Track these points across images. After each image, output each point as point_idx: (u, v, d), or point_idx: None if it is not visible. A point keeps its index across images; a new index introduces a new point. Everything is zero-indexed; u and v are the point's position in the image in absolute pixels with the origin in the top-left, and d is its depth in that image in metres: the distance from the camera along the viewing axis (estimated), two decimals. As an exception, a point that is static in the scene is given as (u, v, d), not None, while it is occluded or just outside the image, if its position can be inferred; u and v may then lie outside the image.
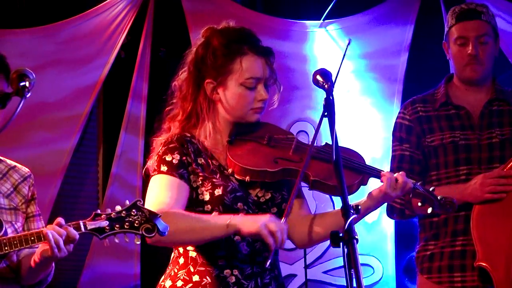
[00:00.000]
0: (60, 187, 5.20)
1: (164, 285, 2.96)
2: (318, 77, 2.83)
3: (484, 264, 3.59)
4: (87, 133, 5.46)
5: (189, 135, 2.94)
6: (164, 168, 2.87)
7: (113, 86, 5.43)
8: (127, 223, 2.98)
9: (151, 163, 2.93)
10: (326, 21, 5.50)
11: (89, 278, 5.26)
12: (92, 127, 5.51)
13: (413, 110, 3.87)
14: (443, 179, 3.73)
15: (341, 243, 2.51)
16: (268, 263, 2.71)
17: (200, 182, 2.88)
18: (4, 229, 3.10)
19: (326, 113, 2.74)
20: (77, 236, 2.97)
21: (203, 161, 2.90)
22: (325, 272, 5.37)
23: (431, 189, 3.02)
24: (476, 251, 3.62)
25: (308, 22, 5.53)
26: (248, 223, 2.72)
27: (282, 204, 2.95)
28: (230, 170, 2.90)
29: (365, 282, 2.84)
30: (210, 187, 2.87)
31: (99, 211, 3.02)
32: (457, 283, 3.74)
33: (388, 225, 5.33)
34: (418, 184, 3.00)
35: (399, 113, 3.93)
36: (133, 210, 2.99)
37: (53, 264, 3.18)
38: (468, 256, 3.71)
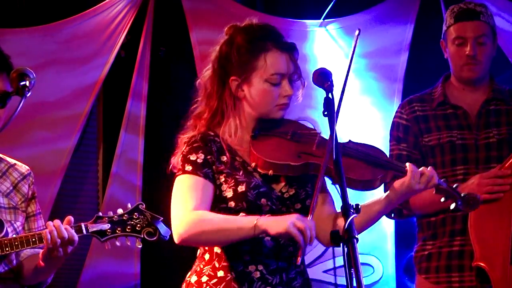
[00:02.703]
0: (60, 187, 5.19)
1: (189, 281, 2.95)
2: (318, 77, 2.84)
3: (482, 264, 3.59)
4: (87, 132, 5.46)
5: (212, 133, 2.95)
6: (188, 167, 2.87)
7: (113, 86, 5.42)
8: (129, 227, 2.98)
9: (176, 160, 2.94)
10: (326, 20, 5.49)
11: (89, 277, 5.26)
12: (92, 127, 5.51)
13: (410, 109, 3.87)
14: (449, 178, 3.73)
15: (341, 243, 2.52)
16: (299, 260, 2.69)
17: (223, 179, 2.88)
18: (5, 230, 3.10)
19: (326, 112, 2.75)
20: (76, 238, 2.97)
21: (225, 158, 2.91)
22: (325, 272, 5.37)
23: (454, 186, 3.02)
24: (474, 251, 3.62)
25: (308, 22, 5.52)
26: (276, 223, 2.71)
27: (306, 200, 2.94)
28: (253, 165, 2.90)
29: (365, 281, 2.84)
30: (233, 183, 2.87)
31: (100, 214, 3.03)
32: (455, 283, 3.74)
33: (388, 225, 5.33)
34: (442, 180, 2.99)
35: (396, 112, 3.93)
36: (135, 214, 3.00)
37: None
38: (466, 256, 3.71)
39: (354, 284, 2.49)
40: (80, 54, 5.27)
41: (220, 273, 2.88)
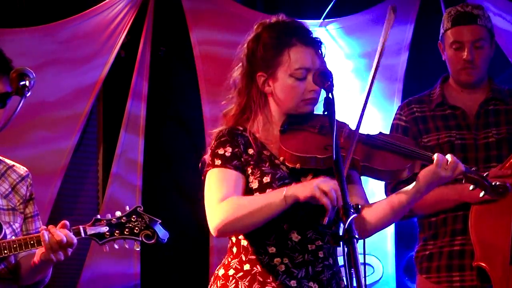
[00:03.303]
0: (60, 187, 5.19)
1: (217, 274, 2.96)
2: (318, 76, 2.85)
3: (482, 264, 3.59)
4: (87, 132, 5.46)
5: (241, 128, 2.97)
6: (218, 162, 2.90)
7: (113, 86, 5.42)
8: (127, 229, 2.99)
9: (206, 156, 2.96)
10: (326, 20, 5.49)
11: (89, 278, 5.26)
12: (92, 127, 5.51)
13: (409, 111, 3.88)
14: None
15: (341, 242, 2.52)
16: (326, 221, 2.67)
17: (250, 171, 2.90)
18: (3, 231, 3.10)
19: (326, 112, 2.75)
20: (75, 241, 2.97)
21: (252, 151, 2.92)
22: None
23: (485, 175, 3.03)
24: (474, 250, 3.62)
25: (308, 21, 5.50)
26: (302, 188, 2.74)
27: None
28: (281, 159, 2.92)
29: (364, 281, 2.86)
30: (259, 175, 2.89)
31: (99, 217, 3.03)
32: (456, 282, 3.74)
33: (388, 225, 5.33)
34: (472, 169, 3.02)
35: (396, 114, 3.94)
36: (133, 216, 3.00)
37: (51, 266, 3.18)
38: (467, 255, 3.71)
39: (354, 284, 2.49)
40: (80, 54, 5.28)
41: (246, 267, 2.90)
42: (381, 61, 2.99)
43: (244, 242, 2.92)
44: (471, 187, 3.04)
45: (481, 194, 3.05)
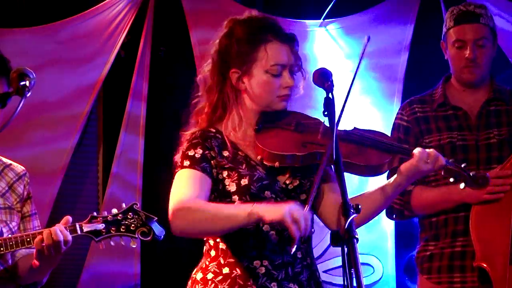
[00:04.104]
0: (60, 187, 5.20)
1: (195, 278, 2.93)
2: (318, 76, 2.84)
3: (483, 265, 3.59)
4: (87, 132, 5.46)
5: (213, 130, 2.95)
6: (186, 163, 2.87)
7: (113, 86, 5.43)
8: (123, 226, 2.98)
9: (177, 157, 2.94)
10: (326, 20, 5.49)
11: (89, 278, 5.26)
12: (92, 127, 5.51)
13: (411, 111, 3.87)
14: (441, 180, 3.72)
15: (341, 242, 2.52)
16: (292, 250, 2.68)
17: (226, 174, 2.88)
18: (0, 230, 3.11)
19: (326, 112, 2.75)
20: (69, 238, 2.97)
21: (228, 153, 2.90)
22: (324, 272, 5.36)
23: (463, 165, 3.02)
24: (475, 251, 3.62)
25: (308, 22, 5.52)
26: (271, 210, 2.69)
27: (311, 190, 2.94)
28: (259, 158, 2.90)
29: (365, 281, 2.84)
30: (236, 177, 2.87)
31: (95, 214, 3.03)
32: (457, 283, 3.74)
33: (388, 224, 5.33)
34: (450, 160, 3.00)
35: (397, 114, 3.93)
36: (130, 213, 3.00)
37: None
38: (468, 257, 3.71)
39: (354, 284, 2.49)
40: (80, 54, 5.28)
41: (226, 270, 2.87)
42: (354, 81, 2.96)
43: (223, 245, 2.90)
44: (451, 180, 3.01)
45: (462, 185, 3.02)
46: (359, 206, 2.57)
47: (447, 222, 3.78)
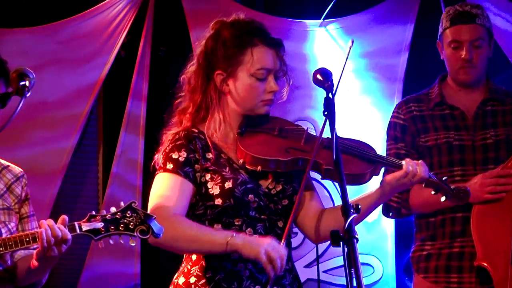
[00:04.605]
0: (60, 187, 5.19)
1: (177, 283, 2.93)
2: (318, 76, 2.84)
3: (484, 264, 3.59)
4: (87, 132, 5.46)
5: (196, 131, 2.94)
6: (169, 166, 2.87)
7: (113, 86, 5.42)
8: (122, 225, 2.98)
9: (158, 157, 2.94)
10: (326, 20, 5.49)
11: (89, 278, 5.26)
12: (92, 127, 5.51)
13: (407, 109, 3.87)
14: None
15: (341, 242, 2.52)
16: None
17: (209, 176, 2.88)
18: (-2, 230, 3.11)
19: (326, 112, 2.75)
20: (69, 237, 2.97)
21: (211, 155, 2.89)
22: (325, 272, 5.36)
23: (444, 179, 3.03)
24: (476, 251, 3.62)
25: (308, 21, 5.52)
26: (248, 247, 2.72)
27: (293, 196, 2.93)
28: (241, 161, 2.89)
29: (365, 281, 2.84)
30: (220, 180, 2.87)
31: (94, 213, 3.02)
32: (454, 284, 3.73)
33: (388, 224, 5.33)
34: (432, 173, 3.00)
35: (393, 112, 3.93)
36: (128, 212, 2.99)
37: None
38: (466, 258, 3.70)
39: (354, 284, 2.49)
40: (80, 54, 5.27)
41: (209, 274, 2.87)
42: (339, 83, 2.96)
43: None
44: (432, 192, 3.03)
45: (442, 199, 3.03)
46: (359, 206, 2.58)
47: (444, 223, 3.77)
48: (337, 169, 2.64)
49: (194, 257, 2.91)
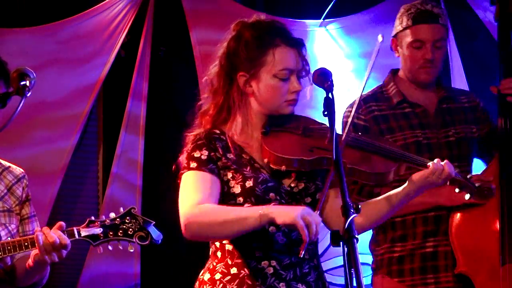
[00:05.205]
0: (60, 187, 5.20)
1: (202, 279, 2.93)
2: (318, 76, 2.84)
3: (465, 271, 3.58)
4: (87, 132, 5.46)
5: (218, 131, 2.94)
6: (193, 164, 2.87)
7: (113, 85, 5.43)
8: (121, 231, 2.99)
9: (181, 158, 2.94)
10: (326, 20, 5.50)
11: (89, 278, 5.26)
12: (92, 126, 5.51)
13: (367, 109, 3.80)
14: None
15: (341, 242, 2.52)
16: (302, 253, 2.66)
17: (231, 176, 2.88)
18: (-2, 234, 3.12)
19: (326, 112, 2.75)
20: (68, 242, 2.98)
21: (232, 155, 2.90)
22: (325, 271, 5.35)
23: (468, 177, 3.03)
24: (456, 258, 3.60)
25: (308, 21, 5.53)
26: (283, 213, 2.69)
27: (316, 194, 2.94)
28: (265, 161, 2.90)
29: (365, 281, 2.85)
30: (241, 179, 2.87)
31: (93, 218, 3.03)
32: (431, 285, 3.69)
33: (388, 225, 5.33)
34: (457, 171, 3.00)
35: (348, 112, 3.79)
36: (127, 218, 3.00)
37: (48, 267, 3.18)
38: (441, 257, 3.68)
39: (354, 284, 2.49)
40: (80, 54, 5.28)
41: (233, 270, 2.88)
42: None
43: (229, 247, 2.90)
44: (456, 190, 3.02)
45: (467, 197, 3.03)
46: (359, 206, 2.58)
47: (415, 223, 3.72)
48: (337, 169, 2.64)
49: (219, 254, 2.93)
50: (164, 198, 5.47)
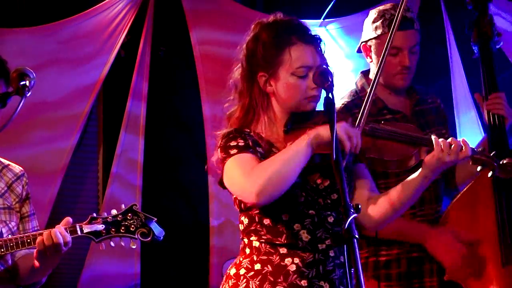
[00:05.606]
0: (60, 187, 5.20)
1: (229, 273, 2.97)
2: (318, 76, 2.85)
3: (456, 280, 3.58)
4: (87, 132, 5.46)
5: (247, 130, 2.96)
6: (234, 151, 2.88)
7: (113, 85, 5.43)
8: (123, 227, 2.99)
9: (215, 159, 2.95)
10: (326, 20, 5.50)
11: (89, 278, 5.26)
12: (92, 126, 5.51)
13: (352, 116, 3.75)
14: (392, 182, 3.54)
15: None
16: (344, 164, 2.67)
17: None
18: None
19: (326, 112, 2.75)
20: (69, 239, 2.98)
21: (261, 150, 2.92)
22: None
23: (492, 154, 3.02)
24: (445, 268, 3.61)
25: (308, 21, 5.51)
26: (326, 128, 2.75)
27: None
28: None
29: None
30: None
31: (95, 215, 3.03)
32: None
33: (388, 225, 5.32)
34: (479, 150, 3.00)
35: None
36: (129, 214, 3.00)
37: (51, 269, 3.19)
38: (426, 261, 3.66)
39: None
40: (80, 54, 5.28)
41: (257, 266, 2.91)
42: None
43: (256, 243, 2.92)
44: (478, 168, 3.01)
45: (489, 174, 3.02)
46: (359, 206, 2.58)
47: None
48: (337, 168, 2.64)
49: (247, 250, 2.95)
50: (164, 198, 5.48)
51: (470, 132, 5.21)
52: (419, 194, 3.01)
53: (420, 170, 2.96)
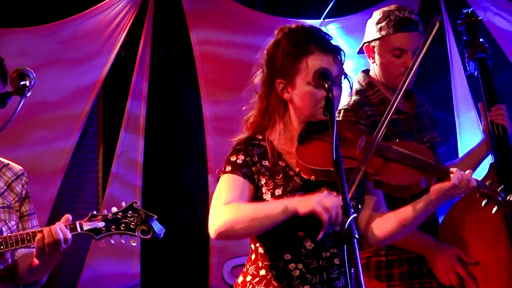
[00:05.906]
0: (60, 187, 5.20)
1: (237, 282, 3.00)
2: (319, 76, 2.84)
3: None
4: (87, 132, 5.46)
5: (260, 137, 2.97)
6: (228, 168, 2.92)
7: (113, 85, 5.43)
8: (123, 225, 2.99)
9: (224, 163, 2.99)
10: (326, 20, 5.49)
11: (89, 277, 5.26)
12: (92, 126, 5.51)
13: (364, 114, 3.72)
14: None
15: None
16: (320, 236, 2.70)
17: (264, 181, 2.91)
18: (-1, 228, 3.12)
19: (326, 112, 2.75)
20: (69, 236, 2.98)
21: (267, 163, 2.92)
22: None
23: (499, 189, 3.01)
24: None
25: (308, 21, 5.52)
26: (304, 203, 2.74)
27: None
28: (297, 170, 2.92)
29: (365, 281, 2.87)
30: (272, 186, 2.90)
31: (95, 212, 3.03)
32: None
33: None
34: (486, 183, 2.99)
35: (349, 117, 3.70)
36: (130, 212, 3.00)
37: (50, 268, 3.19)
38: (425, 262, 3.67)
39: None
40: (80, 54, 5.28)
41: (262, 272, 2.92)
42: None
43: (261, 250, 2.94)
44: (483, 203, 3.00)
45: (494, 209, 3.02)
46: (359, 206, 2.58)
47: None
48: (337, 168, 2.64)
49: (253, 257, 2.96)
50: (164, 198, 5.48)
51: (470, 132, 5.21)
52: (420, 222, 3.02)
53: (425, 195, 2.96)
